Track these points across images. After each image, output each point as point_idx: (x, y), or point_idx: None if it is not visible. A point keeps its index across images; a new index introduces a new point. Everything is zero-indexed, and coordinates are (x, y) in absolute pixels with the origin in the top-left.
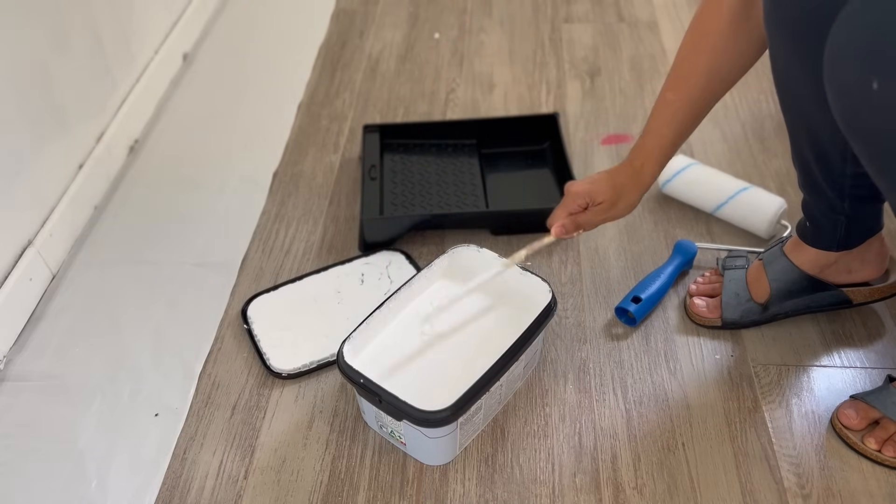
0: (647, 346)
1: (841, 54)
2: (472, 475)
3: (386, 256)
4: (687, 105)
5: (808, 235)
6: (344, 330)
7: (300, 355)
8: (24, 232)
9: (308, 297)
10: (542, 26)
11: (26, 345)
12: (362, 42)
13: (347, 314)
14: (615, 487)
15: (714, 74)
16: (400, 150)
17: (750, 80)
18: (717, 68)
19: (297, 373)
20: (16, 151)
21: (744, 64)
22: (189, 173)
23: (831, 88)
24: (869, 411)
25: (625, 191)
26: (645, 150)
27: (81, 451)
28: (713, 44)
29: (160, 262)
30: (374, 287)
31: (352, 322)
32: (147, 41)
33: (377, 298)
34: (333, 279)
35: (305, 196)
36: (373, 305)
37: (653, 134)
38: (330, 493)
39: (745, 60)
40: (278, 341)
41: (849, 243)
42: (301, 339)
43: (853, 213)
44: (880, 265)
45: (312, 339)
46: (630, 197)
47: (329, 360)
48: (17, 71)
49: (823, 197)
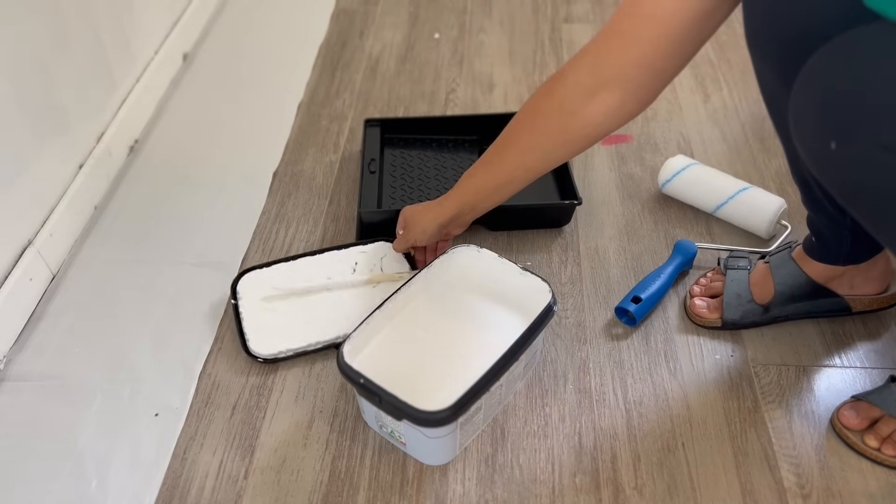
0: (647, 346)
1: (800, 116)
2: (472, 475)
3: (382, 248)
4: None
5: (814, 251)
6: (326, 319)
7: (279, 341)
8: (24, 232)
9: (298, 280)
10: (542, 26)
11: (26, 345)
12: (362, 42)
13: (334, 303)
14: (615, 487)
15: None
16: (400, 145)
17: (750, 80)
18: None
19: (272, 358)
20: (16, 151)
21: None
22: (189, 173)
23: (798, 146)
24: (870, 410)
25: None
26: (465, 208)
27: (81, 451)
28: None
29: (160, 262)
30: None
31: (336, 312)
32: (147, 41)
33: (365, 290)
34: (327, 263)
35: (305, 196)
36: (360, 296)
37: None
38: (330, 493)
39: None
40: (262, 324)
41: (856, 258)
42: (283, 325)
43: (857, 227)
44: (883, 282)
45: (294, 325)
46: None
47: (306, 349)
48: (17, 71)
49: (825, 212)
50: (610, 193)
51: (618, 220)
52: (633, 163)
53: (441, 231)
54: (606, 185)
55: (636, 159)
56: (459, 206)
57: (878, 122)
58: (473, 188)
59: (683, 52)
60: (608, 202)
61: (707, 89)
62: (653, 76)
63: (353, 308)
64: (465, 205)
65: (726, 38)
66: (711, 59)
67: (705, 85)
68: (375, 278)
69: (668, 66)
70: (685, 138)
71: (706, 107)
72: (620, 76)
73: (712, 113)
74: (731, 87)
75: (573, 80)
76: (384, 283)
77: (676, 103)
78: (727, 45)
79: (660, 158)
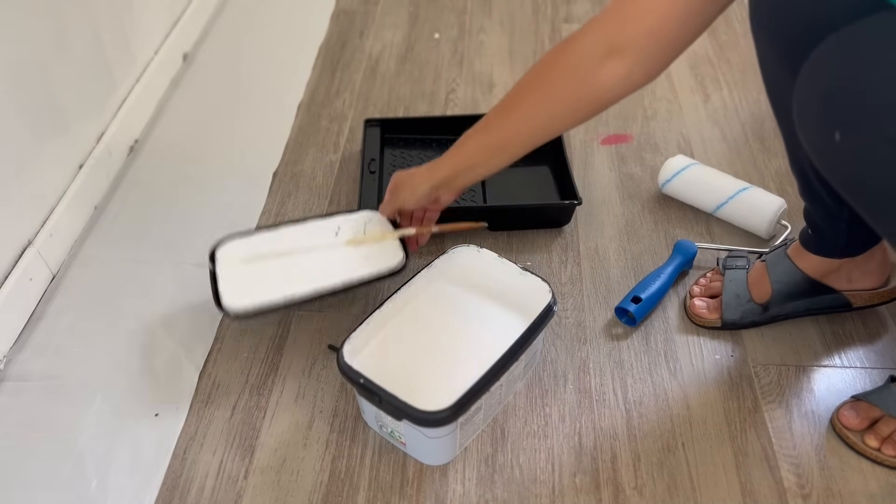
0: (647, 346)
1: (805, 107)
2: (472, 475)
3: (367, 215)
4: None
5: (810, 243)
6: (304, 276)
7: (254, 297)
8: (24, 232)
9: (279, 245)
10: (542, 26)
11: (26, 345)
12: (362, 42)
13: (313, 261)
14: (615, 487)
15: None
16: (400, 145)
17: (750, 80)
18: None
19: (244, 313)
20: (16, 151)
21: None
22: (189, 173)
23: (802, 137)
24: (870, 410)
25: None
26: (457, 171)
27: (81, 451)
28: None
29: (160, 262)
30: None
31: (314, 268)
32: (147, 41)
33: (346, 251)
34: (310, 230)
35: (305, 196)
36: (341, 256)
37: (467, 159)
38: (330, 493)
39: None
40: (238, 282)
41: (852, 251)
42: (260, 281)
43: (853, 220)
44: (881, 275)
45: (271, 282)
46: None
47: (281, 303)
48: (17, 71)
49: (822, 204)
50: (610, 193)
51: (618, 220)
52: (633, 163)
53: (431, 194)
54: (606, 185)
55: (636, 159)
56: (453, 168)
57: (885, 115)
58: (470, 150)
59: (695, 23)
60: (608, 202)
61: (707, 89)
62: (663, 46)
63: (332, 264)
64: (459, 167)
65: (726, 38)
66: (711, 59)
67: (705, 85)
68: (357, 239)
69: (678, 38)
70: (685, 138)
71: (706, 107)
72: (631, 44)
73: (712, 113)
74: (731, 87)
75: (584, 46)
76: (366, 245)
77: (676, 103)
78: (727, 45)
79: (660, 158)
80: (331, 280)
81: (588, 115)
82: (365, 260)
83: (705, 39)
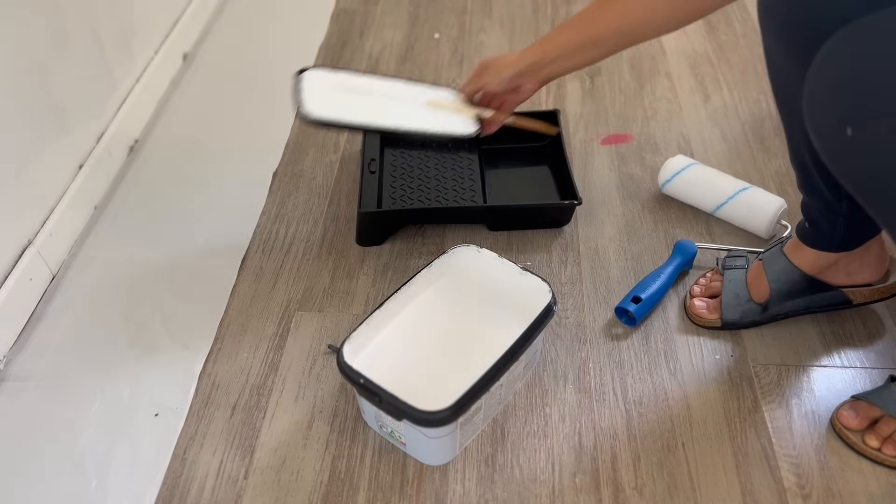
0: (647, 346)
1: (815, 101)
2: (472, 475)
3: (451, 93)
4: (597, 51)
5: (807, 237)
6: (382, 111)
7: (332, 112)
8: (24, 232)
9: (367, 86)
10: (542, 26)
11: (26, 345)
12: (362, 42)
13: (392, 104)
14: (615, 487)
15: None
16: (400, 145)
17: (750, 80)
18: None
19: (320, 121)
20: (16, 151)
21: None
22: (189, 173)
23: (811, 131)
24: (870, 410)
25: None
26: (546, 58)
27: (81, 451)
28: None
29: (160, 262)
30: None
31: (392, 108)
32: (147, 41)
33: (424, 109)
34: (397, 86)
35: (305, 196)
36: (418, 109)
37: (558, 48)
38: (330, 493)
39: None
40: (320, 99)
41: (848, 244)
42: (341, 105)
43: (851, 214)
44: (880, 268)
45: (351, 107)
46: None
47: (354, 124)
48: (17, 71)
49: (821, 197)
50: (610, 193)
51: (618, 220)
52: (633, 163)
53: (515, 79)
54: (606, 185)
55: (636, 159)
56: (542, 55)
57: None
58: (562, 40)
59: None
60: (608, 202)
61: (707, 89)
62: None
63: (411, 113)
64: (549, 55)
65: (726, 38)
66: (711, 59)
67: (705, 85)
68: (438, 102)
69: None
70: (685, 138)
71: (706, 107)
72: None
73: (712, 113)
74: (731, 87)
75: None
76: (445, 111)
77: (676, 103)
78: (727, 45)
79: (660, 158)
80: (407, 123)
81: (684, 19)
82: (441, 120)
83: (705, 39)
